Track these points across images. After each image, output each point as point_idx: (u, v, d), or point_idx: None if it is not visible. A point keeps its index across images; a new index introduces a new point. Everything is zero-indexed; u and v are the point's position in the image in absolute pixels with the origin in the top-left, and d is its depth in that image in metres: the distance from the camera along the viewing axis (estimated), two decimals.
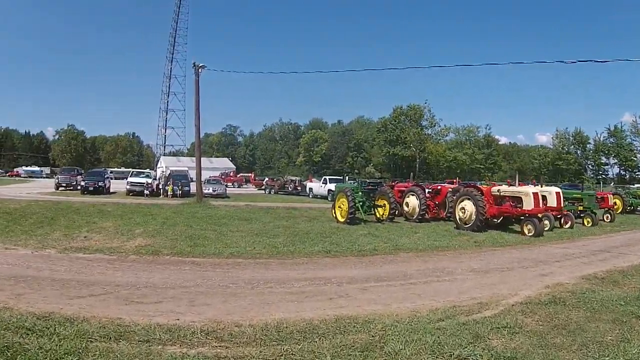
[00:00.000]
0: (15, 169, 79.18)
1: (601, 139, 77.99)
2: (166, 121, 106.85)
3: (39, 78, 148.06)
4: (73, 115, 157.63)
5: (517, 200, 14.22)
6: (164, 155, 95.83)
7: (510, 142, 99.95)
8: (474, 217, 14.38)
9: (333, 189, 27.85)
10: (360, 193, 16.41)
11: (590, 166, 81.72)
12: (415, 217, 16.93)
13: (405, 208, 17.44)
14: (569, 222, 16.70)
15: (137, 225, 13.38)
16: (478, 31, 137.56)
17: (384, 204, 16.61)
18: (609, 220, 19.73)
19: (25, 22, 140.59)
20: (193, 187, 32.08)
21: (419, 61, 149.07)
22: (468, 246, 11.07)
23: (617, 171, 79.71)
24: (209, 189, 29.91)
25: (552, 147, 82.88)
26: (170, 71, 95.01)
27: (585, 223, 18.01)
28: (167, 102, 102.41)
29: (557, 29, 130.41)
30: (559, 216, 16.50)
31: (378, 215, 16.55)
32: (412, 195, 17.29)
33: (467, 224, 14.60)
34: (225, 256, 8.74)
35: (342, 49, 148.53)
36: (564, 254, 10.55)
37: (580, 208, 18.66)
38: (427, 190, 17.96)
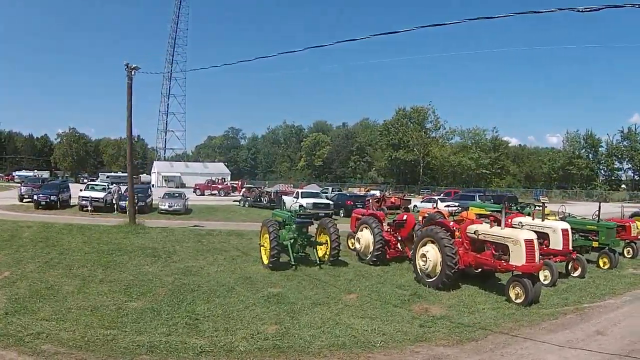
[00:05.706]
0: (12, 173, 77.65)
1: (614, 142, 72.17)
2: (166, 124, 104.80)
3: (43, 80, 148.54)
4: (81, 118, 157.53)
5: (503, 249, 9.48)
6: (158, 159, 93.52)
7: (520, 145, 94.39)
8: (439, 269, 10.06)
9: (305, 205, 23.73)
10: (293, 226, 12.20)
11: (602, 171, 75.89)
12: (368, 257, 12.66)
13: (357, 245, 13.05)
14: (579, 269, 12.20)
15: (15, 264, 11.11)
16: (483, 29, 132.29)
17: (327, 240, 12.43)
18: (630, 256, 15.21)
19: (31, 24, 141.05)
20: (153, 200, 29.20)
21: (425, 61, 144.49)
22: (403, 342, 6.76)
23: (632, 176, 74.08)
24: (165, 205, 26.56)
25: (562, 149, 77.35)
26: (171, 73, 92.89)
27: (602, 264, 13.50)
28: (168, 104, 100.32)
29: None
30: (564, 261, 12.08)
31: (319, 256, 12.42)
32: (366, 228, 12.90)
33: (430, 278, 10.30)
34: None
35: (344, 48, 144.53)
36: None
37: (595, 244, 14.13)
38: (387, 222, 13.52)
